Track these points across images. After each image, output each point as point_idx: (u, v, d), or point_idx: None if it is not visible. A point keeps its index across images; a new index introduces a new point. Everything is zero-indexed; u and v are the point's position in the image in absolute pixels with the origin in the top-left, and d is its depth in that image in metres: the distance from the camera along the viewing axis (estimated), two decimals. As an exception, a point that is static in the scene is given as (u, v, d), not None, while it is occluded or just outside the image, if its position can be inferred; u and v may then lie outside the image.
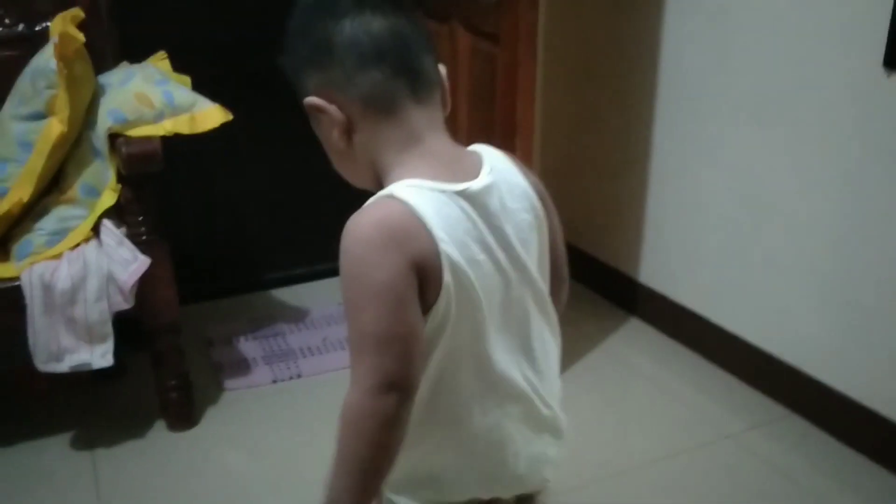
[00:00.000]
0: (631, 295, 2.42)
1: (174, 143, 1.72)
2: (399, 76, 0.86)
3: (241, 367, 2.14)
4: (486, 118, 1.88)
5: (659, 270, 2.33)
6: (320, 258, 2.69)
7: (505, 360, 0.91)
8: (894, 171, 1.63)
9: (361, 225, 0.82)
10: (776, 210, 1.91)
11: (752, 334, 2.04)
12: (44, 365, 1.66)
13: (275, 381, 2.09)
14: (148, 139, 1.67)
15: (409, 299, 0.81)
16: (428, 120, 0.89)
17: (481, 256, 0.86)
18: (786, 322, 1.94)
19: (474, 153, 0.92)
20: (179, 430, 1.88)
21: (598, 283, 2.51)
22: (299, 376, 2.11)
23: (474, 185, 0.86)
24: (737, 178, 2.00)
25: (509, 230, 0.89)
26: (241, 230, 2.61)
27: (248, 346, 2.25)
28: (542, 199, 0.95)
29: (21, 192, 1.67)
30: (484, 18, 1.80)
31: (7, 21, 1.90)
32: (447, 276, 0.82)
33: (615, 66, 2.33)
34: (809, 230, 1.84)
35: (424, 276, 0.82)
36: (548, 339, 0.97)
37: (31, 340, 1.64)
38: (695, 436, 1.86)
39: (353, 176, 0.94)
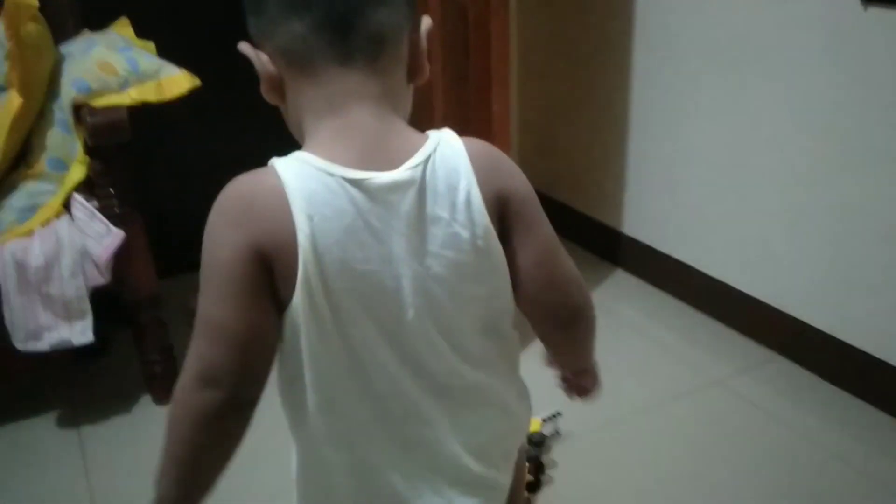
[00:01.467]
0: (615, 246, 2.41)
1: (144, 112, 1.68)
2: (322, 30, 0.71)
3: (226, 337, 2.12)
4: (460, 72, 1.84)
5: (642, 221, 2.31)
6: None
7: (404, 396, 0.78)
8: (873, 106, 1.61)
9: (225, 193, 0.73)
10: (757, 153, 1.90)
11: (736, 279, 2.04)
12: (23, 344, 1.63)
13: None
14: (114, 108, 1.63)
15: (244, 286, 0.70)
16: (357, 86, 0.73)
17: (367, 266, 0.72)
18: (769, 265, 1.94)
19: (417, 140, 0.76)
20: (165, 403, 1.86)
21: (582, 236, 2.50)
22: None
23: (381, 177, 0.71)
24: (717, 123, 1.98)
25: (426, 242, 0.73)
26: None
27: (232, 316, 2.22)
28: (505, 213, 0.77)
29: (-11, 169, 1.62)
30: (453, -31, 1.75)
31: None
32: (302, 274, 0.70)
33: (591, 14, 2.29)
34: (791, 172, 1.82)
35: (273, 265, 0.70)
36: (477, 382, 0.81)
37: (7, 319, 1.61)
38: (683, 383, 1.87)
39: (298, 137, 0.80)
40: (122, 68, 1.67)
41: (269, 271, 0.70)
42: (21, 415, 1.84)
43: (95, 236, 1.62)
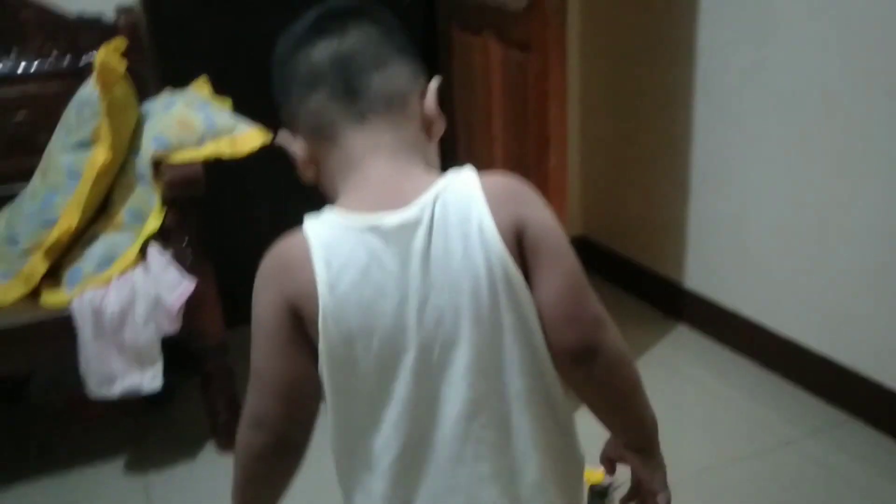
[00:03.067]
0: (678, 301, 2.37)
1: (218, 166, 1.74)
2: (336, 99, 0.80)
3: (289, 386, 2.14)
4: (520, 130, 1.87)
5: (706, 275, 2.28)
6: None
7: (427, 436, 0.78)
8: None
9: (266, 255, 0.81)
10: (825, 207, 1.86)
11: (805, 337, 1.98)
12: (96, 390, 1.68)
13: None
14: (190, 163, 1.70)
15: (282, 339, 0.78)
16: (372, 141, 0.80)
17: (385, 306, 0.75)
18: (841, 323, 1.88)
19: (430, 181, 0.78)
20: (230, 451, 1.88)
21: (644, 290, 2.47)
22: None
23: (391, 218, 0.75)
24: (781, 175, 1.96)
25: (443, 276, 0.75)
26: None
27: (295, 366, 2.25)
28: (524, 241, 0.76)
29: (69, 220, 1.70)
30: (513, 27, 1.80)
31: (55, 54, 1.96)
32: (321, 318, 0.75)
33: (652, 68, 2.30)
34: (861, 226, 1.78)
35: (303, 316, 0.77)
36: (508, 420, 0.79)
37: (82, 366, 1.66)
38: (752, 443, 1.81)
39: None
40: (199, 125, 1.74)
41: (301, 322, 0.77)
42: (89, 460, 1.88)
43: (168, 285, 1.68)
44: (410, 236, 0.75)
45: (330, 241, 0.76)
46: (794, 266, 1.98)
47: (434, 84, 0.85)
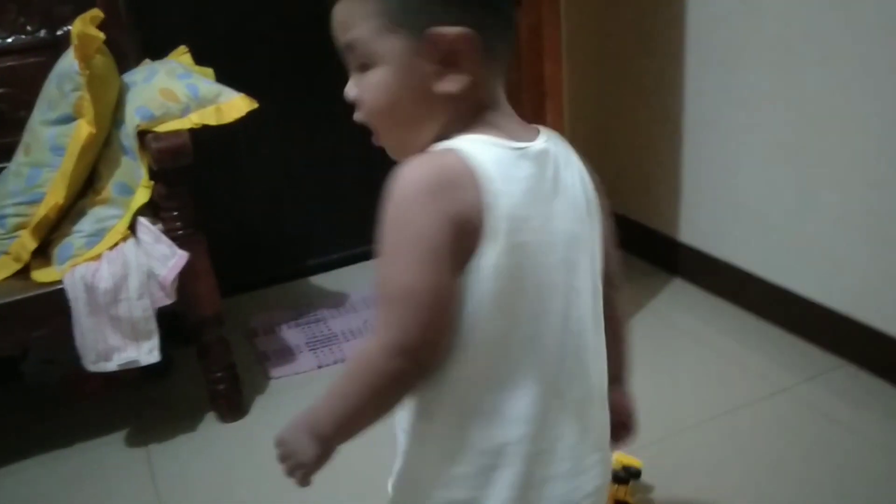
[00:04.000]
0: (672, 255, 2.38)
1: (204, 135, 1.73)
2: (503, 23, 0.80)
3: (286, 354, 2.15)
4: (514, 82, 1.85)
5: (699, 228, 2.28)
6: (357, 242, 2.70)
7: (566, 350, 0.83)
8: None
9: (411, 172, 0.75)
10: (816, 154, 1.86)
11: (799, 285, 1.99)
12: (93, 365, 1.68)
13: (320, 367, 2.10)
14: (176, 133, 1.68)
15: (445, 255, 0.74)
16: (502, 78, 0.82)
17: (539, 223, 0.78)
18: (833, 269, 1.89)
19: (531, 125, 0.86)
20: (230, 421, 1.90)
21: (639, 245, 2.47)
22: (343, 360, 2.12)
23: (535, 145, 0.80)
24: (771, 125, 1.95)
25: (565, 205, 0.82)
26: (276, 219, 2.62)
27: (292, 334, 2.26)
28: (596, 190, 0.89)
29: (56, 195, 1.68)
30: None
31: (29, 28, 1.92)
32: (491, 233, 0.75)
33: (641, 19, 2.28)
34: (852, 172, 1.78)
35: (466, 230, 0.74)
36: (598, 348, 0.88)
37: (78, 342, 1.66)
38: (749, 392, 1.83)
39: (405, 136, 0.82)
40: (182, 94, 1.72)
41: (463, 237, 0.74)
42: (90, 434, 1.89)
43: (160, 258, 1.67)
44: (546, 163, 0.80)
45: (492, 160, 0.75)
46: (785, 215, 1.98)
47: None
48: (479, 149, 0.76)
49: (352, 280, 2.56)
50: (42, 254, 1.74)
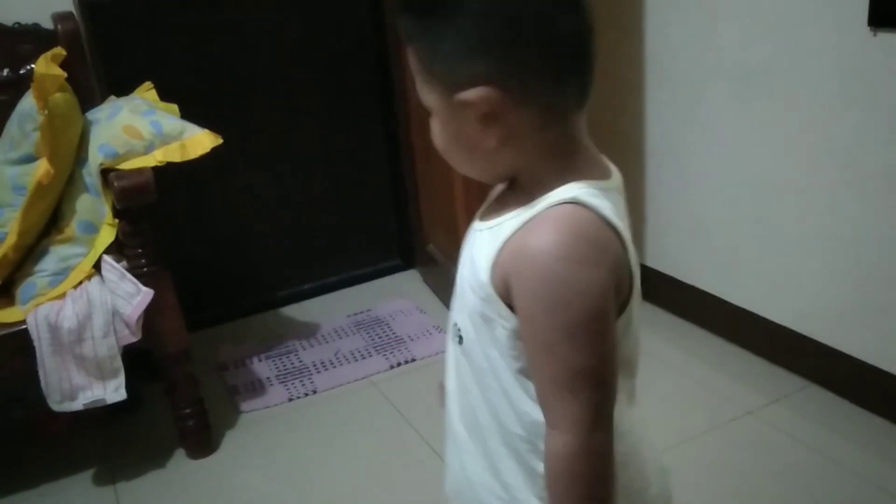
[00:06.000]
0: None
1: (170, 171, 1.73)
2: (580, 84, 0.75)
3: (256, 387, 2.14)
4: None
5: (664, 253, 2.31)
6: (325, 272, 2.70)
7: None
8: (885, 130, 1.61)
9: (559, 240, 0.69)
10: (774, 180, 1.90)
11: (762, 308, 2.03)
12: (58, 405, 1.66)
13: (290, 399, 2.09)
14: (139, 171, 1.67)
15: (613, 316, 0.72)
16: (583, 122, 0.79)
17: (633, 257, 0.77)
18: (795, 292, 1.93)
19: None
20: (199, 457, 1.88)
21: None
22: (314, 392, 2.11)
23: (614, 183, 0.78)
24: (732, 152, 1.99)
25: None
26: (244, 251, 2.62)
27: (262, 367, 2.25)
28: None
29: (14, 235, 1.67)
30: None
31: (-8, 66, 1.92)
32: (633, 282, 0.75)
33: (601, 46, 2.31)
34: (808, 196, 1.82)
35: (620, 292, 0.73)
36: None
37: (42, 382, 1.64)
38: (716, 415, 1.85)
39: (480, 171, 0.79)
40: (146, 132, 1.72)
41: (618, 296, 0.73)
42: (57, 475, 1.87)
43: (125, 296, 1.66)
44: (621, 198, 0.78)
45: (609, 209, 0.72)
46: (748, 239, 2.01)
47: None
48: (595, 200, 0.71)
49: (321, 311, 2.56)
50: (5, 294, 1.72)
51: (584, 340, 0.70)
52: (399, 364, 2.20)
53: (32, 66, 1.82)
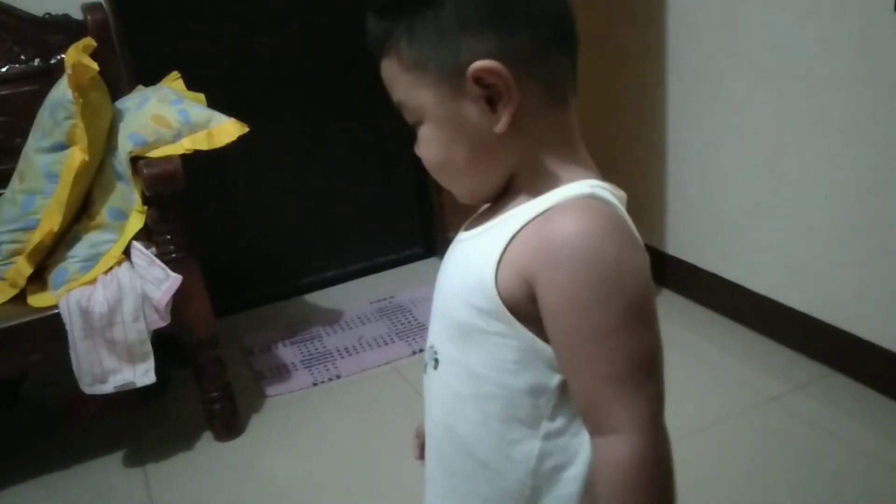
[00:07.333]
0: (660, 267, 2.41)
1: (198, 159, 1.76)
2: (569, 66, 0.71)
3: (282, 372, 2.18)
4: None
5: (686, 240, 2.31)
6: (348, 260, 2.73)
7: None
8: (914, 118, 1.61)
9: (597, 224, 0.65)
10: (795, 167, 1.89)
11: (784, 295, 2.02)
12: (89, 388, 1.71)
13: (315, 384, 2.12)
14: (168, 159, 1.71)
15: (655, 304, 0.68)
16: (575, 116, 0.74)
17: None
18: (818, 279, 1.92)
19: None
20: (226, 440, 1.92)
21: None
22: (338, 377, 2.14)
23: (620, 191, 0.74)
24: (756, 137, 1.98)
25: None
26: (269, 239, 2.65)
27: (287, 352, 2.28)
28: None
29: (51, 222, 1.71)
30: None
31: (23, 57, 1.95)
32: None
33: (621, 34, 2.31)
34: (834, 183, 1.82)
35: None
36: None
37: (74, 365, 1.68)
38: (738, 402, 1.86)
39: (476, 176, 0.73)
40: (174, 120, 1.75)
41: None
42: (88, 456, 1.91)
43: (154, 281, 1.70)
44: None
45: (621, 207, 0.70)
46: (769, 226, 2.01)
47: None
48: (612, 198, 0.69)
49: (345, 297, 2.59)
50: (38, 279, 1.76)
51: (641, 325, 0.66)
52: (421, 350, 2.22)
53: (63, 56, 1.86)
